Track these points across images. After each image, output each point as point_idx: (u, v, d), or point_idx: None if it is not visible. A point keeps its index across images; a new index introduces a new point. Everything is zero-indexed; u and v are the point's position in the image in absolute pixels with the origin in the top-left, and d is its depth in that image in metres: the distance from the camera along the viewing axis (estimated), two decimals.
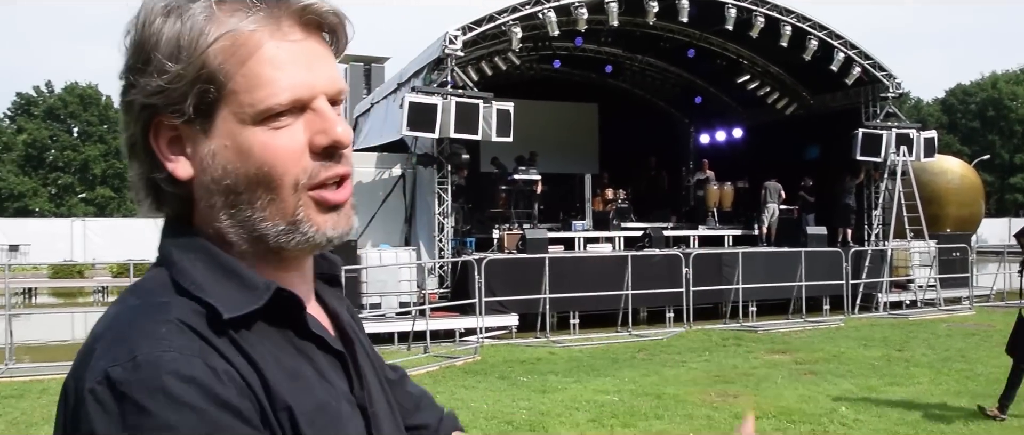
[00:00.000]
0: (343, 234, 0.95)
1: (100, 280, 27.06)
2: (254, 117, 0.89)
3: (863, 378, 9.68)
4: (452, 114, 13.96)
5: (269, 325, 0.91)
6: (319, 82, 0.92)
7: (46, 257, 29.92)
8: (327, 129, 0.91)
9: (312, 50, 0.92)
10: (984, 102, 63.89)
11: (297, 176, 0.90)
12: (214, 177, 0.90)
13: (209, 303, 0.86)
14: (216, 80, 0.88)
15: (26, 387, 9.60)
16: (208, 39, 0.88)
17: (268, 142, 0.89)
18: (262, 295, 0.89)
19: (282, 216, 0.91)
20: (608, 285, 14.61)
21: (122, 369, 0.79)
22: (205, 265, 0.90)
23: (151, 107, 0.90)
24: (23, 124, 55.03)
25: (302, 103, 0.91)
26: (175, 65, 0.88)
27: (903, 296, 17.89)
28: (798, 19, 17.05)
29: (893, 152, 17.85)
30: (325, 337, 0.96)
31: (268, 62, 0.89)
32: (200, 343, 0.83)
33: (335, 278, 1.11)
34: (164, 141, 0.92)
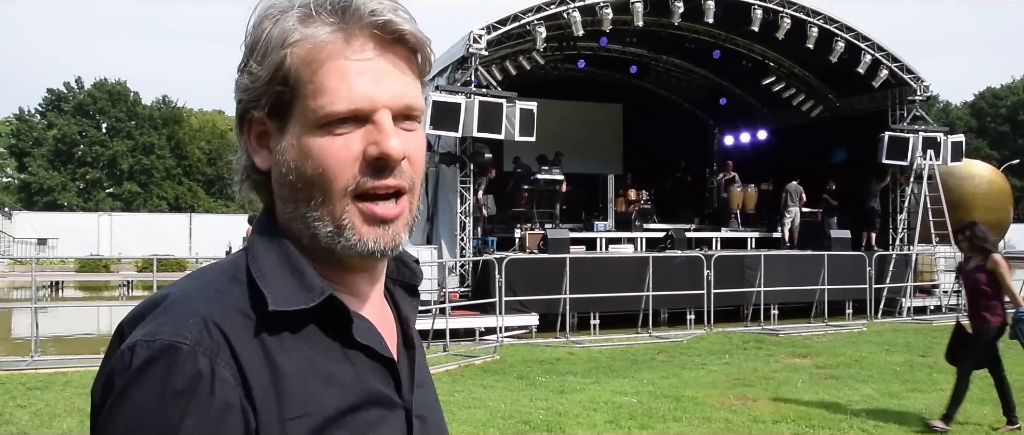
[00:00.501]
0: (386, 248, 0.98)
1: (125, 274, 27.36)
2: (316, 122, 0.95)
3: (885, 384, 9.60)
4: (475, 113, 13.98)
5: (319, 327, 0.96)
6: (382, 96, 0.96)
7: (73, 251, 30.34)
8: (380, 141, 0.95)
9: (382, 66, 0.97)
10: (1014, 105, 63.08)
11: (347, 182, 0.95)
12: (283, 172, 0.98)
13: (262, 292, 0.93)
14: (289, 83, 0.96)
15: (50, 379, 9.72)
16: (286, 45, 0.95)
17: (325, 146, 0.95)
18: (314, 298, 0.95)
19: (331, 218, 0.96)
20: (629, 286, 14.57)
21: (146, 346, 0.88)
22: (277, 257, 0.98)
23: (241, 102, 1.00)
24: (53, 119, 55.71)
25: (362, 114, 0.95)
26: (257, 67, 0.97)
27: (927, 301, 17.71)
28: (825, 20, 16.93)
29: (920, 156, 17.69)
30: (373, 346, 0.99)
31: (335, 72, 0.95)
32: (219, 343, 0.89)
33: (413, 287, 1.16)
34: (254, 134, 1.01)
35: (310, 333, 0.95)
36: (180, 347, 0.87)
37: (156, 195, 56.92)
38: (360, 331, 0.99)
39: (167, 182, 58.06)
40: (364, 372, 0.98)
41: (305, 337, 0.95)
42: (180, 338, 0.87)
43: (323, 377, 0.94)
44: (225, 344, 0.89)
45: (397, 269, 1.14)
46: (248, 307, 0.93)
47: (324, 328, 0.96)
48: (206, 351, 0.88)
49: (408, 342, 1.10)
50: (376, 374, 1.00)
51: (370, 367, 0.99)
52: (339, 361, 0.96)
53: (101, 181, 55.83)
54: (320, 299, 0.95)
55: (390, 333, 1.07)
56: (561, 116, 20.04)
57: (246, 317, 0.92)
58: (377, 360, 1.00)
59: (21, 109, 57.18)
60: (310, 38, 0.95)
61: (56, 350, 12.66)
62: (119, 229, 33.67)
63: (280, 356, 0.92)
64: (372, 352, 1.00)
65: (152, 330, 0.89)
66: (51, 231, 32.55)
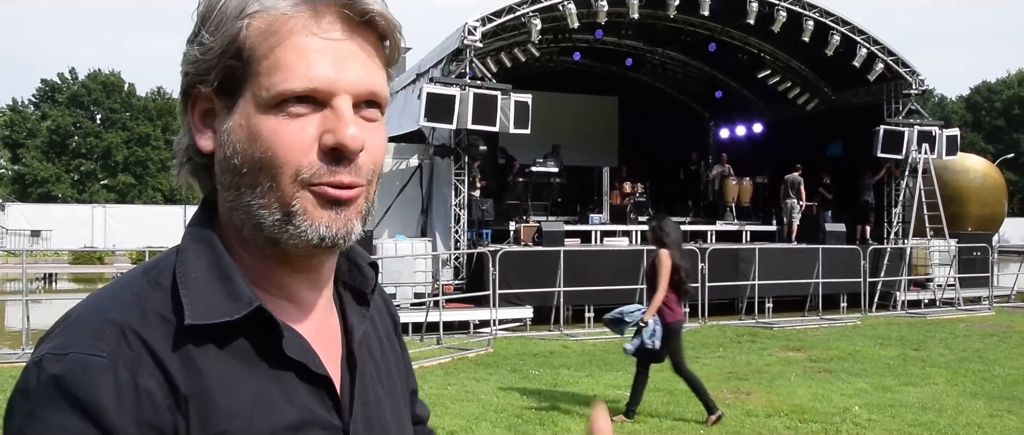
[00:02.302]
0: (339, 235, 0.90)
1: (119, 266, 27.30)
2: (268, 101, 0.87)
3: (878, 377, 9.59)
4: (470, 105, 13.94)
5: (247, 340, 0.88)
6: (344, 80, 0.88)
7: (67, 243, 30.25)
8: (336, 129, 0.87)
9: (348, 49, 0.88)
10: (1010, 100, 63.09)
11: (299, 168, 0.87)
12: (227, 154, 0.89)
13: (179, 307, 0.86)
14: (243, 57, 0.87)
15: None
16: (243, 15, 0.87)
17: (277, 128, 0.87)
18: (241, 308, 0.87)
19: (279, 205, 0.88)
20: (624, 279, 14.54)
21: (55, 359, 0.81)
22: (206, 261, 0.90)
23: (187, 75, 0.91)
24: (47, 110, 55.48)
25: (321, 96, 0.87)
26: (210, 38, 0.88)
27: (921, 295, 17.73)
28: (821, 14, 16.90)
29: (915, 150, 17.68)
30: (306, 363, 0.91)
31: (295, 49, 0.86)
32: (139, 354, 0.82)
33: (363, 295, 1.06)
34: (198, 112, 0.93)
35: (237, 347, 0.87)
36: (96, 360, 0.79)
37: (151, 187, 56.79)
38: (291, 346, 0.90)
39: (162, 174, 57.84)
40: (296, 390, 0.90)
41: (231, 351, 0.87)
42: (95, 350, 0.80)
43: (249, 394, 0.86)
44: (147, 353, 0.82)
45: (348, 271, 1.05)
46: (170, 314, 0.86)
47: (252, 342, 0.88)
48: (127, 361, 0.80)
49: (350, 359, 1.00)
50: (309, 393, 0.91)
51: (302, 386, 0.90)
52: (267, 378, 0.88)
53: (95, 173, 55.64)
54: (247, 310, 0.86)
55: (333, 345, 0.99)
56: (556, 108, 20.00)
57: (167, 323, 0.85)
58: (310, 378, 0.91)
59: (14, 100, 56.90)
60: (271, 9, 0.87)
61: None
62: (113, 221, 33.56)
63: (205, 368, 0.84)
64: (305, 370, 0.91)
65: (63, 342, 0.82)
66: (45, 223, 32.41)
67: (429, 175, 15.83)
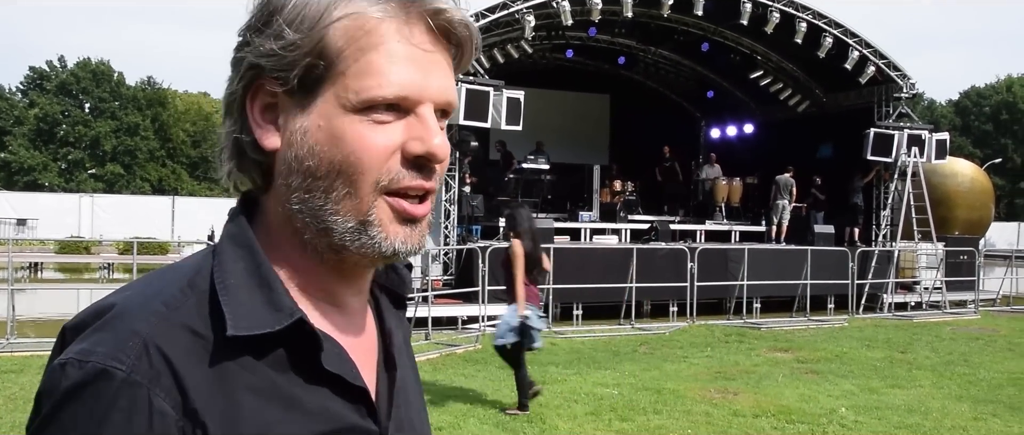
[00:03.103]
0: (412, 250, 0.90)
1: (106, 256, 27.13)
2: (356, 104, 0.85)
3: (865, 379, 9.64)
4: (462, 101, 13.90)
5: (285, 350, 0.86)
6: (431, 88, 0.87)
7: (54, 232, 30.07)
8: (425, 137, 0.87)
9: (431, 56, 0.88)
10: (998, 105, 63.48)
11: (379, 176, 0.86)
12: (298, 155, 0.87)
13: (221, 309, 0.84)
14: (327, 58, 0.85)
15: (26, 362, 9.63)
16: (333, 15, 0.85)
17: (363, 133, 0.85)
18: (282, 320, 0.85)
19: (355, 213, 0.87)
20: (613, 277, 14.57)
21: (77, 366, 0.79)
22: (245, 266, 0.88)
23: (257, 68, 0.87)
24: (35, 98, 55.18)
25: (408, 103, 0.87)
26: (294, 33, 0.85)
27: (908, 298, 17.81)
28: (813, 16, 16.94)
29: (904, 153, 17.75)
30: (343, 374, 0.89)
31: (386, 53, 0.85)
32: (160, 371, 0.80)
33: (400, 298, 1.07)
34: (259, 106, 0.90)
35: (274, 357, 0.85)
36: (114, 374, 0.78)
37: (139, 177, 56.55)
38: (330, 358, 0.88)
39: (150, 164, 57.67)
40: (331, 400, 0.88)
41: (268, 361, 0.85)
42: (115, 363, 0.78)
43: (284, 403, 0.84)
44: (168, 371, 0.80)
45: (385, 273, 1.04)
46: (202, 325, 0.83)
47: (289, 352, 0.86)
48: (144, 379, 0.78)
49: (388, 361, 1.00)
50: (345, 403, 0.89)
51: (338, 397, 0.89)
52: (304, 386, 0.86)
53: (83, 162, 55.35)
54: (288, 322, 0.84)
55: (370, 350, 0.98)
56: (548, 105, 20.00)
57: (197, 337, 0.82)
58: (346, 389, 0.90)
59: (2, 87, 56.56)
60: (361, 13, 0.85)
61: (34, 333, 12.54)
62: (101, 211, 33.36)
63: (236, 380, 0.82)
64: (341, 381, 0.89)
65: (87, 348, 0.80)
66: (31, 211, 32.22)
67: None
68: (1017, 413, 8.06)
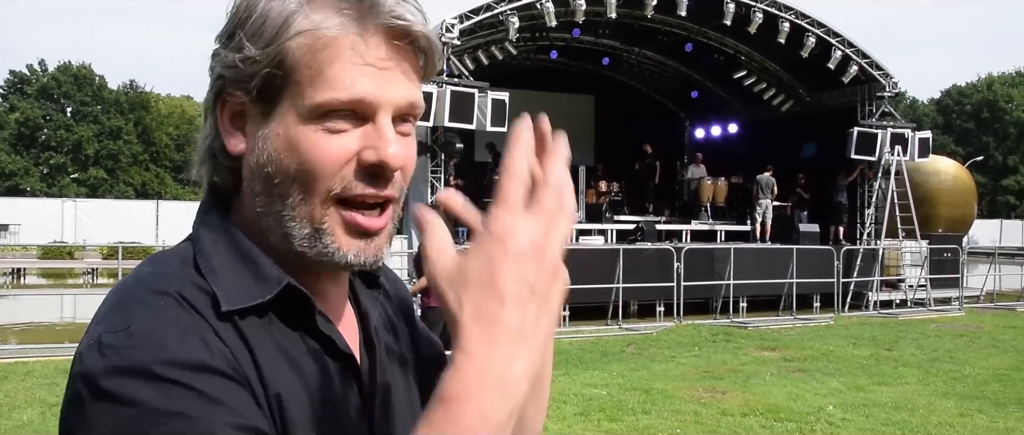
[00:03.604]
0: (367, 263, 0.90)
1: (90, 262, 26.95)
2: (310, 112, 0.86)
3: (851, 377, 9.68)
4: (447, 103, 13.89)
5: (279, 318, 0.89)
6: (387, 96, 0.87)
7: (36, 237, 29.79)
8: (379, 146, 0.86)
9: (389, 64, 0.88)
10: (979, 103, 64.05)
11: (331, 184, 0.86)
12: (260, 161, 0.88)
13: (213, 291, 0.85)
14: (285, 69, 0.86)
15: (11, 369, 9.54)
16: (290, 31, 0.86)
17: (315, 141, 0.86)
18: (272, 288, 0.87)
19: (309, 220, 0.87)
20: (599, 278, 14.57)
21: (114, 335, 0.78)
22: (226, 248, 0.90)
23: (223, 78, 0.90)
24: (16, 102, 54.75)
25: (362, 110, 0.86)
26: (253, 47, 0.87)
27: (893, 295, 17.94)
28: (796, 16, 17.02)
29: (887, 151, 17.86)
30: (334, 339, 0.91)
31: (339, 64, 0.86)
32: (197, 317, 0.82)
33: (374, 278, 1.06)
34: (228, 113, 0.91)
35: (271, 324, 0.88)
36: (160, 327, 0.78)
37: (123, 181, 56.19)
38: (322, 322, 0.91)
39: (134, 168, 57.34)
40: (328, 368, 0.91)
41: (266, 327, 0.87)
42: (155, 319, 0.79)
43: (291, 363, 0.87)
44: (202, 319, 0.82)
45: None
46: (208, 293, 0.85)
47: (284, 318, 0.89)
48: (189, 325, 0.80)
49: (368, 342, 1.01)
50: (340, 371, 0.92)
51: (333, 364, 0.91)
52: (302, 351, 0.89)
53: (66, 166, 54.97)
54: (277, 289, 0.87)
55: (351, 331, 1.00)
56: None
57: (209, 296, 0.84)
58: (337, 356, 0.92)
59: None
60: (319, 28, 0.85)
61: (17, 339, 12.44)
62: (84, 215, 33.08)
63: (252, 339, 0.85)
64: (333, 346, 0.91)
65: (117, 319, 0.80)
66: (13, 217, 31.91)
67: None
68: (1002, 409, 8.12)
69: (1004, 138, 62.72)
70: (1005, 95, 63.26)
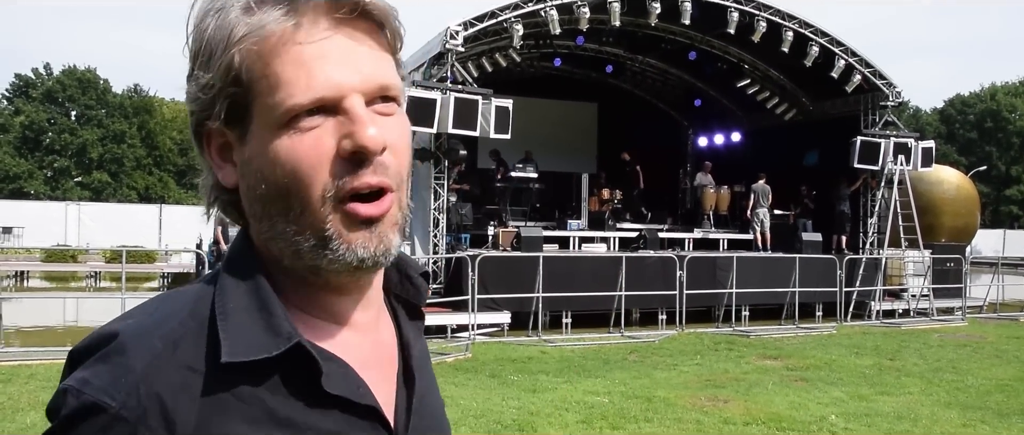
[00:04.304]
0: (376, 255, 0.86)
1: (93, 265, 26.98)
2: (278, 120, 0.83)
3: (854, 386, 9.67)
4: (451, 109, 13.91)
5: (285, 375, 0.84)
6: (349, 79, 0.83)
7: (40, 240, 29.87)
8: (353, 132, 0.83)
9: (344, 44, 0.84)
10: (983, 113, 63.98)
11: (324, 185, 0.83)
12: (251, 185, 0.86)
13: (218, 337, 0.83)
14: (242, 83, 0.84)
15: (14, 372, 9.55)
16: (233, 41, 0.83)
17: (292, 147, 0.83)
18: (280, 344, 0.82)
19: (313, 230, 0.84)
20: (602, 285, 14.59)
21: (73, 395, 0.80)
22: (246, 292, 0.86)
23: (193, 114, 0.88)
24: (21, 106, 54.83)
25: (328, 103, 0.83)
26: (206, 74, 0.84)
27: (896, 305, 17.90)
28: (800, 25, 17.02)
29: (891, 161, 17.86)
30: (348, 395, 0.86)
31: (291, 61, 0.82)
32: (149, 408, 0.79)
33: (416, 308, 1.03)
34: (215, 147, 0.89)
35: (274, 384, 0.83)
36: (105, 408, 0.78)
37: (126, 185, 56.24)
38: (333, 380, 0.85)
39: (137, 172, 57.37)
40: (340, 421, 0.86)
41: (268, 387, 0.83)
42: (107, 398, 0.78)
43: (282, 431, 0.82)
44: (157, 409, 0.79)
45: (400, 283, 1.01)
46: (198, 357, 0.82)
47: (291, 378, 0.84)
48: (132, 415, 0.78)
49: (408, 374, 0.96)
50: (356, 421, 0.87)
51: (346, 417, 0.86)
52: (306, 411, 0.84)
53: (69, 170, 55.04)
54: (285, 346, 0.82)
55: (389, 362, 0.96)
56: (536, 114, 20.00)
57: (192, 373, 0.81)
58: (355, 409, 0.87)
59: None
60: (257, 30, 0.82)
61: (20, 342, 12.45)
62: (87, 219, 33.15)
63: (231, 412, 0.81)
64: (348, 403, 0.86)
65: (86, 377, 0.80)
66: (17, 220, 32.01)
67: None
68: (1005, 419, 8.11)
69: (1007, 148, 62.65)
70: (1008, 105, 63.21)
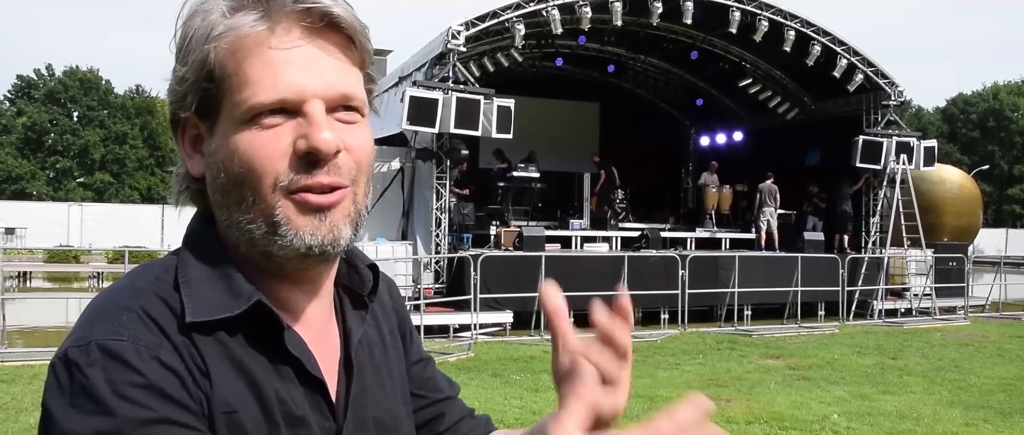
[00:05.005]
0: (324, 243, 0.90)
1: (95, 266, 27.04)
2: (242, 116, 0.88)
3: (856, 385, 9.67)
4: (453, 109, 13.91)
5: (246, 336, 0.89)
6: (313, 85, 0.88)
7: (42, 241, 29.91)
8: (309, 134, 0.87)
9: (312, 53, 0.89)
10: (985, 112, 63.92)
11: (277, 176, 0.88)
12: (213, 175, 0.91)
13: (181, 304, 0.87)
14: (215, 79, 0.89)
15: (17, 372, 9.57)
16: (211, 38, 0.88)
17: (252, 141, 0.88)
18: (242, 303, 0.88)
19: (263, 217, 0.89)
20: (604, 285, 14.52)
21: (78, 350, 0.81)
22: (205, 261, 0.91)
23: (170, 105, 0.94)
24: (23, 107, 54.86)
25: (290, 105, 0.88)
26: (182, 67, 0.90)
27: (898, 304, 17.90)
28: (802, 24, 17.01)
29: (893, 160, 17.84)
30: (303, 361, 0.91)
31: (260, 63, 0.88)
32: (158, 336, 0.83)
33: (359, 297, 1.06)
34: (188, 138, 0.95)
35: (238, 342, 0.88)
36: (118, 344, 0.80)
37: (128, 185, 56.27)
38: (292, 342, 0.91)
39: (139, 172, 57.40)
40: (292, 388, 0.91)
41: (232, 344, 0.88)
42: (115, 336, 0.81)
43: (249, 384, 0.87)
44: (163, 336, 0.83)
45: (347, 273, 1.05)
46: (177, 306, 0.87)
47: (253, 337, 0.89)
48: (148, 344, 0.81)
49: (347, 363, 1.00)
50: (305, 393, 0.92)
51: (298, 386, 0.91)
52: (267, 371, 0.89)
53: (72, 170, 55.06)
54: (247, 305, 0.88)
55: (332, 350, 1.00)
56: (538, 114, 20.01)
57: (175, 315, 0.86)
58: (306, 379, 0.92)
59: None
60: (234, 29, 0.88)
61: (23, 342, 12.47)
62: (90, 219, 33.19)
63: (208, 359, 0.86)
64: (301, 369, 0.91)
65: (82, 334, 0.82)
66: (19, 220, 32.04)
67: (411, 178, 15.78)
68: (1007, 418, 8.10)
69: (1010, 147, 62.59)
70: (1011, 104, 63.15)
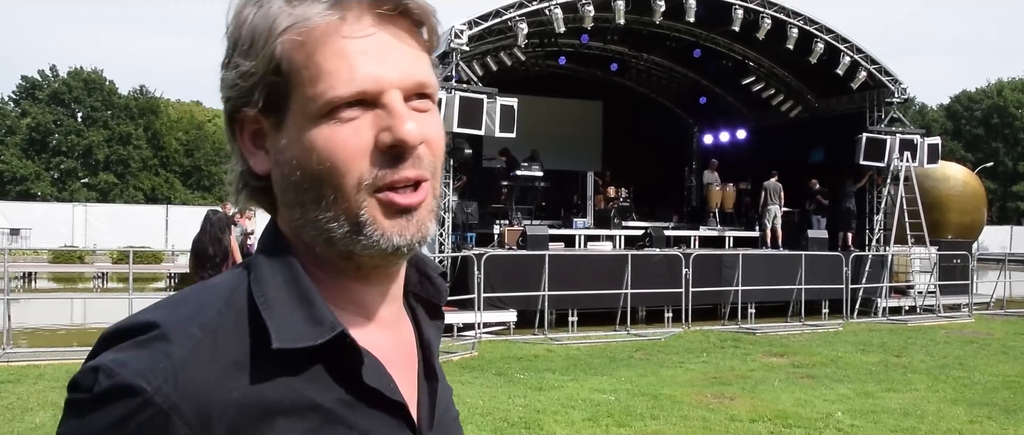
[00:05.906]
0: (412, 242, 0.88)
1: (100, 266, 27.09)
2: (318, 110, 0.85)
3: (860, 383, 9.67)
4: (455, 108, 13.92)
5: (325, 364, 0.85)
6: (390, 75, 0.86)
7: (47, 242, 29.98)
8: (392, 126, 0.85)
9: (385, 41, 0.87)
10: (989, 109, 63.83)
11: (361, 174, 0.85)
12: (284, 172, 0.88)
13: (263, 324, 0.83)
14: (284, 73, 0.86)
15: (23, 372, 9.60)
16: (277, 31, 0.85)
17: (331, 137, 0.85)
18: (324, 333, 0.84)
19: (347, 216, 0.86)
20: (607, 283, 14.60)
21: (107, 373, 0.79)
22: (284, 281, 0.87)
23: (229, 100, 0.90)
24: (27, 107, 54.98)
25: (369, 97, 0.85)
26: (247, 61, 0.86)
27: (902, 302, 17.88)
28: (805, 22, 17.00)
29: (896, 157, 17.82)
30: (382, 390, 0.88)
31: (334, 54, 0.85)
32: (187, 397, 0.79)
33: (436, 307, 1.04)
34: (248, 134, 0.91)
35: (314, 372, 0.84)
36: (140, 392, 0.77)
37: (132, 186, 56.36)
38: (370, 373, 0.87)
39: (144, 173, 57.50)
40: (368, 415, 0.87)
41: (307, 376, 0.84)
42: (143, 381, 0.77)
43: (320, 420, 0.83)
44: (192, 398, 0.78)
45: (420, 282, 1.03)
46: (239, 347, 0.82)
47: (329, 366, 0.85)
48: (165, 402, 0.77)
49: (429, 372, 0.98)
50: (382, 418, 0.88)
51: (375, 411, 0.88)
52: (342, 402, 0.85)
53: (76, 171, 55.16)
54: (330, 335, 0.83)
55: (408, 359, 0.97)
56: (541, 112, 20.02)
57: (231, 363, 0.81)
58: (385, 404, 0.89)
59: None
60: (302, 21, 0.85)
61: (28, 343, 12.50)
62: (94, 220, 33.24)
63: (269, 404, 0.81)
64: (380, 396, 0.88)
65: (123, 359, 0.79)
66: (24, 221, 32.11)
67: None
68: (1012, 416, 8.10)
69: (1014, 144, 62.50)
70: (1015, 101, 63.05)
